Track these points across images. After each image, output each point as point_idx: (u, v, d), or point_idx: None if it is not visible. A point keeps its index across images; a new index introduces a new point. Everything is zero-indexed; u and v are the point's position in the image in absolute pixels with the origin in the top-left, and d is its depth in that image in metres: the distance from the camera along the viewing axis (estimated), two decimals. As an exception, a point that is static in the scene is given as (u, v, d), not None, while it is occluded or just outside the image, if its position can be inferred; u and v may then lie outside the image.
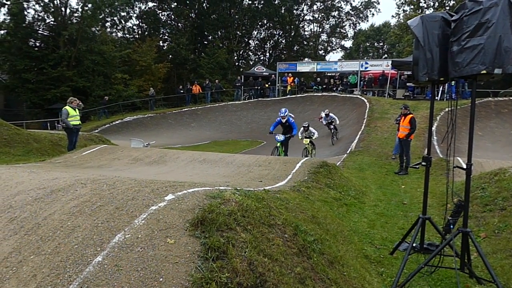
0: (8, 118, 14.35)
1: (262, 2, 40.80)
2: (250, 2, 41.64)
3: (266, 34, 45.21)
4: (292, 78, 25.50)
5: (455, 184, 3.74)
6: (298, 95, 24.61)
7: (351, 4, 46.81)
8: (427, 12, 29.44)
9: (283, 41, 45.39)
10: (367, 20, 58.98)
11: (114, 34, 36.73)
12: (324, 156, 12.23)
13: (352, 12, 46.96)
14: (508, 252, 3.84)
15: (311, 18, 46.78)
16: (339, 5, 46.02)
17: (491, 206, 5.09)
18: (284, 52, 45.09)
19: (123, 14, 35.76)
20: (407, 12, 33.60)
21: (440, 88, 17.82)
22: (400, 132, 9.55)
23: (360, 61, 26.04)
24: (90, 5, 28.16)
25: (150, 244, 2.11)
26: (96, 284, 1.84)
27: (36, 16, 28.56)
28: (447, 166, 4.04)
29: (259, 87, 26.71)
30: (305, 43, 46.69)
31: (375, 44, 52.44)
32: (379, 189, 7.65)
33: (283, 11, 42.07)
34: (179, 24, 39.44)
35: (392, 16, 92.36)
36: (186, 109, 25.27)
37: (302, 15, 45.49)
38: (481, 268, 3.61)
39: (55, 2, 28.27)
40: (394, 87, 21.94)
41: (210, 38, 41.22)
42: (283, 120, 10.15)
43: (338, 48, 50.99)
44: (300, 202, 4.30)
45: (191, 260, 2.04)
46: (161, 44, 38.24)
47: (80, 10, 28.62)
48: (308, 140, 11.66)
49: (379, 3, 46.99)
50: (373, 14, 60.78)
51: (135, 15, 38.29)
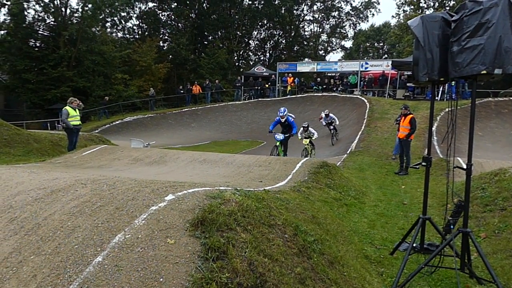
0: (8, 118, 14.35)
1: (262, 2, 40.80)
2: (250, 2, 41.65)
3: (266, 34, 45.22)
4: (292, 78, 25.49)
5: (455, 184, 3.74)
6: (298, 95, 24.61)
7: (351, 4, 46.94)
8: (427, 12, 29.45)
9: (283, 41, 45.38)
10: (367, 20, 58.93)
11: (114, 34, 36.81)
12: (324, 156, 12.23)
13: (352, 12, 47.00)
14: (508, 252, 3.84)
15: (311, 18, 46.89)
16: (339, 5, 46.10)
17: (491, 206, 5.09)
18: (284, 52, 45.06)
19: (123, 14, 35.85)
20: (407, 12, 33.67)
21: (440, 88, 17.80)
22: (400, 132, 9.55)
23: (360, 61, 26.04)
24: (90, 5, 28.15)
25: (150, 244, 2.11)
26: (96, 284, 1.84)
27: (36, 16, 28.60)
28: (447, 166, 4.04)
29: (259, 87, 26.70)
30: (305, 43, 46.67)
31: (375, 44, 52.44)
32: (379, 189, 7.65)
33: (283, 11, 42.05)
34: (179, 24, 39.44)
35: (392, 16, 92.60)
36: (186, 109, 25.27)
37: (302, 15, 45.56)
38: (481, 268, 3.61)
39: (55, 2, 28.27)
40: (394, 87, 21.95)
41: (210, 38, 41.25)
42: (282, 120, 10.13)
43: (338, 48, 51.15)
44: (300, 202, 4.29)
45: (191, 260, 2.04)
46: (161, 44, 38.24)
47: (80, 10, 28.63)
48: (307, 140, 11.65)
49: (379, 3, 47.16)
50: (373, 14, 60.74)
51: (135, 15, 38.41)
